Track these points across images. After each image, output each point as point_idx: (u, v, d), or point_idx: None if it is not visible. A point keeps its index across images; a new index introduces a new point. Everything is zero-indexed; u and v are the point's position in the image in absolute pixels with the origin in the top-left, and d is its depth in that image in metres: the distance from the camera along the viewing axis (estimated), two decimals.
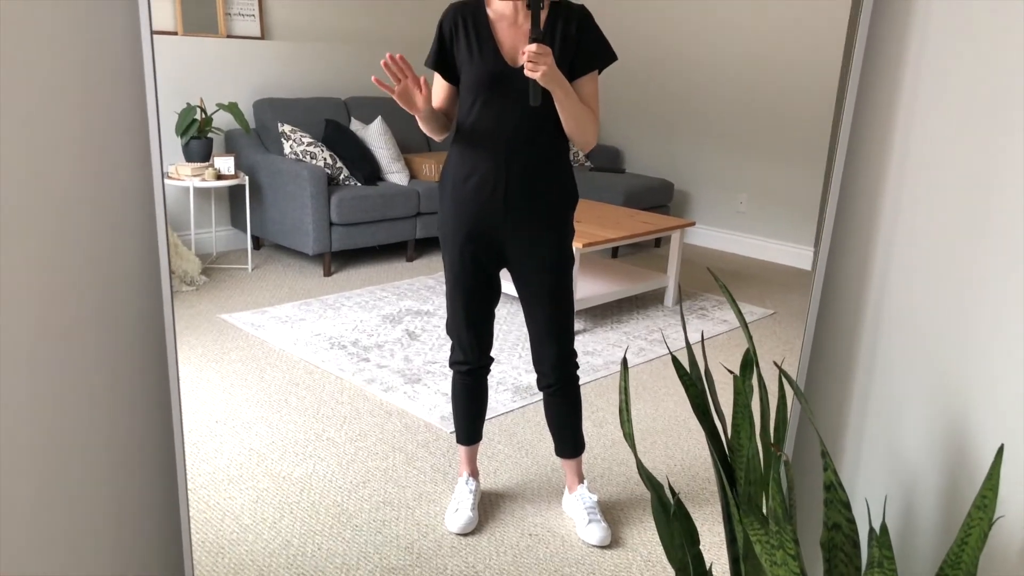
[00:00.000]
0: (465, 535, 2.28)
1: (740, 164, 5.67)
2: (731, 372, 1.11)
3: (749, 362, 1.25)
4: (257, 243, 5.05)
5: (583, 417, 2.91)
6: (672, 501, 1.34)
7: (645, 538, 2.32)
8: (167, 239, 1.17)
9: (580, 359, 3.55)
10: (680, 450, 2.80)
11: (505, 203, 2.00)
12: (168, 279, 1.24)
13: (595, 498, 2.35)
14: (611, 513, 2.42)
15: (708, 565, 1.29)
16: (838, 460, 1.25)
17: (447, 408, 2.95)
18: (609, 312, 4.24)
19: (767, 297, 4.69)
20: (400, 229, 4.81)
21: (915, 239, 1.27)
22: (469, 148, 2.01)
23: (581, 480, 2.39)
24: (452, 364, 2.28)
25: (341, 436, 2.78)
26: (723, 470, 1.24)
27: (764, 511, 1.23)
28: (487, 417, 2.89)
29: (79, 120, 1.18)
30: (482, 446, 2.55)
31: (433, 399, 3.07)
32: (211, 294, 4.20)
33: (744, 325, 1.18)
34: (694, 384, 1.23)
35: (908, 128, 1.27)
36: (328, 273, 4.60)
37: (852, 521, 0.91)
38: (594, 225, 4.12)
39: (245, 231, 4.75)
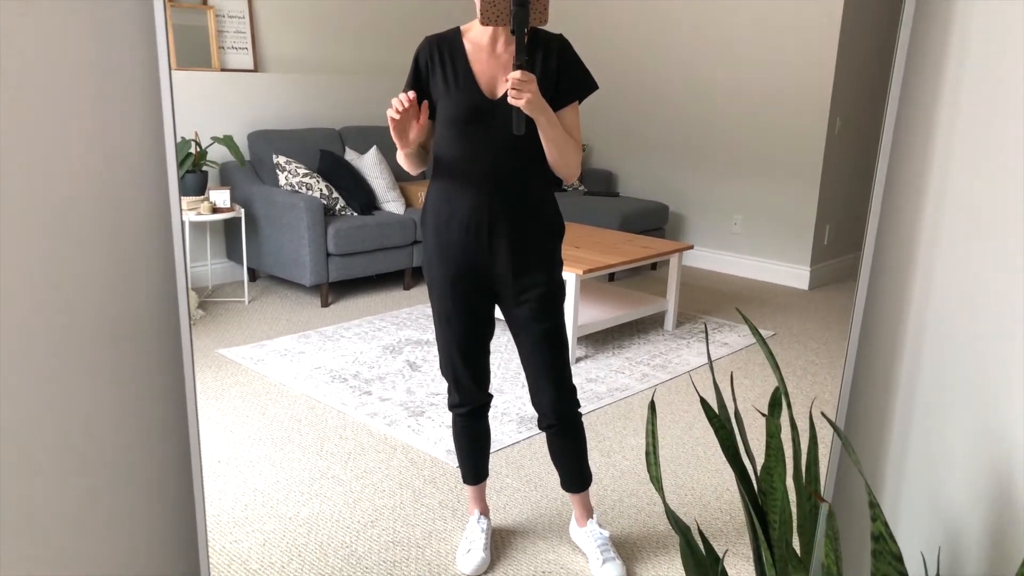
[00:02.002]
0: None
1: (733, 185, 5.69)
2: (762, 414, 1.09)
3: (778, 400, 1.23)
4: (253, 275, 5.01)
5: (588, 448, 2.87)
6: (702, 546, 1.31)
7: (661, 573, 2.28)
8: (185, 264, 1.14)
9: (583, 387, 3.53)
10: (690, 478, 2.77)
11: (491, 242, 1.96)
12: (187, 307, 1.21)
13: (607, 534, 2.30)
14: (624, 547, 2.38)
15: None
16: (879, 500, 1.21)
17: (452, 442, 2.91)
18: (610, 337, 4.22)
19: (766, 318, 4.68)
20: (397, 258, 4.79)
21: (957, 266, 1.24)
22: (449, 186, 1.96)
23: (590, 514, 2.33)
24: (451, 407, 2.21)
25: (347, 473, 2.74)
26: (754, 512, 1.21)
27: (798, 555, 1.20)
28: (493, 450, 2.86)
29: (99, 150, 1.17)
30: (490, 480, 2.52)
31: (437, 432, 3.03)
32: (208, 328, 4.15)
33: (775, 366, 1.16)
34: (723, 426, 1.20)
35: (950, 141, 1.25)
36: (326, 304, 4.57)
37: (905, 575, 0.89)
38: (593, 251, 4.10)
39: (241, 263, 4.71)
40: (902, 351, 1.22)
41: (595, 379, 3.62)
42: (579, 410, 2.15)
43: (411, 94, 1.79)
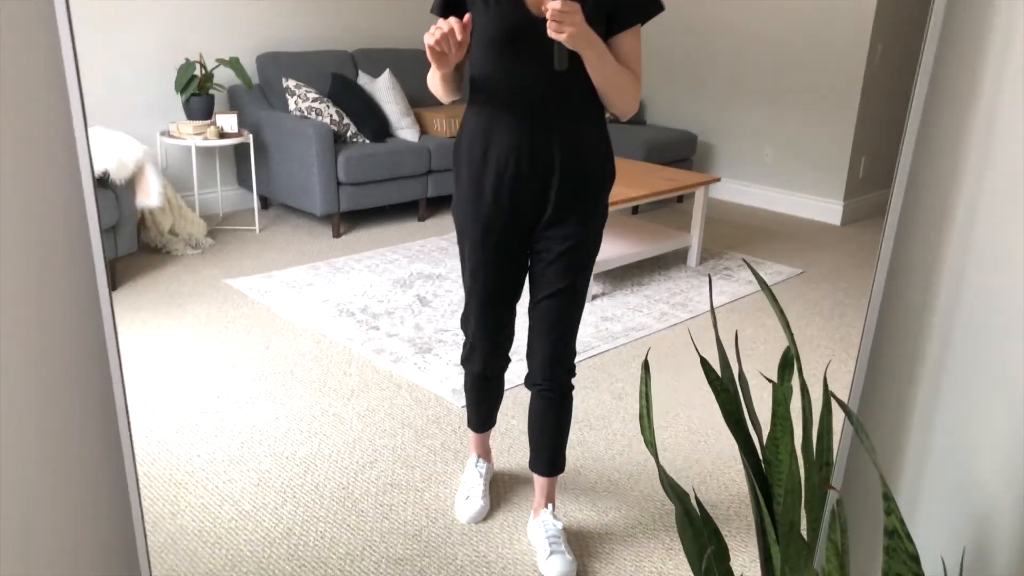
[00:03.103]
0: (476, 523, 2.15)
1: (766, 114, 5.42)
2: (769, 380, 0.95)
3: (789, 362, 1.09)
4: (265, 203, 4.90)
5: (599, 391, 2.75)
6: (699, 514, 1.19)
7: (670, 525, 2.18)
8: (97, 220, 1.00)
9: (597, 326, 3.40)
10: (705, 424, 2.65)
11: (531, 184, 1.71)
12: (101, 253, 1.08)
13: (560, 525, 2.05)
14: (630, 497, 2.28)
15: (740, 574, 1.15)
16: (894, 489, 1.06)
17: (458, 380, 2.82)
18: (629, 274, 4.07)
19: (795, 255, 4.49)
20: (411, 188, 4.64)
21: (1003, 223, 1.05)
22: (486, 117, 1.69)
23: (548, 503, 2.08)
24: (464, 362, 2.01)
25: (348, 411, 2.65)
26: (758, 484, 1.09)
27: (804, 534, 1.08)
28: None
29: None
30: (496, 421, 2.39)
31: (444, 370, 2.93)
32: (217, 258, 4.06)
33: (785, 324, 1.01)
34: (726, 389, 1.07)
35: (1000, 76, 1.06)
36: (337, 234, 4.45)
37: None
38: (616, 183, 3.92)
39: (252, 191, 4.59)
40: (930, 321, 1.05)
41: (611, 318, 3.48)
42: (573, 379, 1.95)
43: (457, 20, 1.50)
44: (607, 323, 3.42)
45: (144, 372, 2.86)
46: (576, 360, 1.93)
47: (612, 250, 3.85)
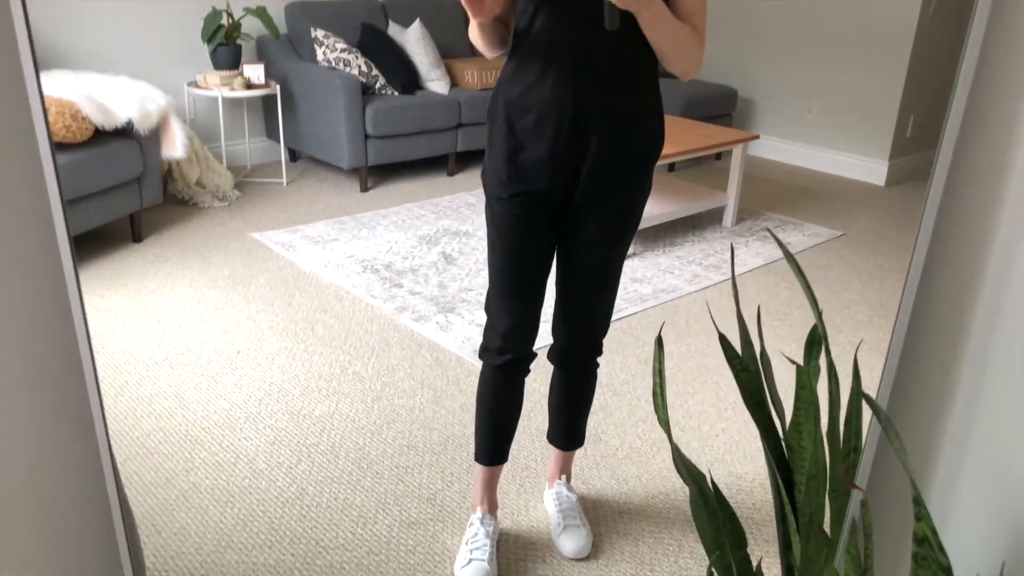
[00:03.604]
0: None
1: (810, 68, 5.20)
2: (793, 362, 0.87)
3: (817, 340, 1.00)
4: (293, 155, 4.85)
5: (625, 355, 2.68)
6: (714, 496, 1.12)
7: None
8: (57, 185, 0.94)
9: (627, 287, 3.31)
10: (733, 392, 2.57)
11: (573, 151, 1.52)
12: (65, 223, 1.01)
13: (574, 498, 1.97)
14: (652, 465, 2.21)
15: (757, 562, 1.08)
16: (925, 492, 0.96)
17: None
18: (662, 234, 3.96)
19: (836, 216, 4.34)
20: (440, 142, 4.54)
21: None
22: (528, 74, 1.50)
23: (563, 474, 2.00)
24: (483, 353, 1.74)
25: (368, 370, 2.61)
26: (778, 470, 1.01)
27: (826, 527, 1.00)
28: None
29: None
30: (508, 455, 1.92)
31: (467, 330, 2.87)
32: (243, 211, 4.03)
33: (812, 300, 0.92)
34: (746, 368, 0.99)
35: None
36: (365, 188, 4.39)
37: None
38: None
39: (279, 143, 4.54)
40: (976, 303, 0.94)
41: (641, 279, 3.39)
42: (600, 357, 1.83)
43: None
44: (636, 285, 3.33)
45: (166, 326, 2.85)
46: (618, 287, 1.78)
47: (645, 209, 3.73)
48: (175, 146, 3.63)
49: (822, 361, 1.02)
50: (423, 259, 3.49)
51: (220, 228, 3.79)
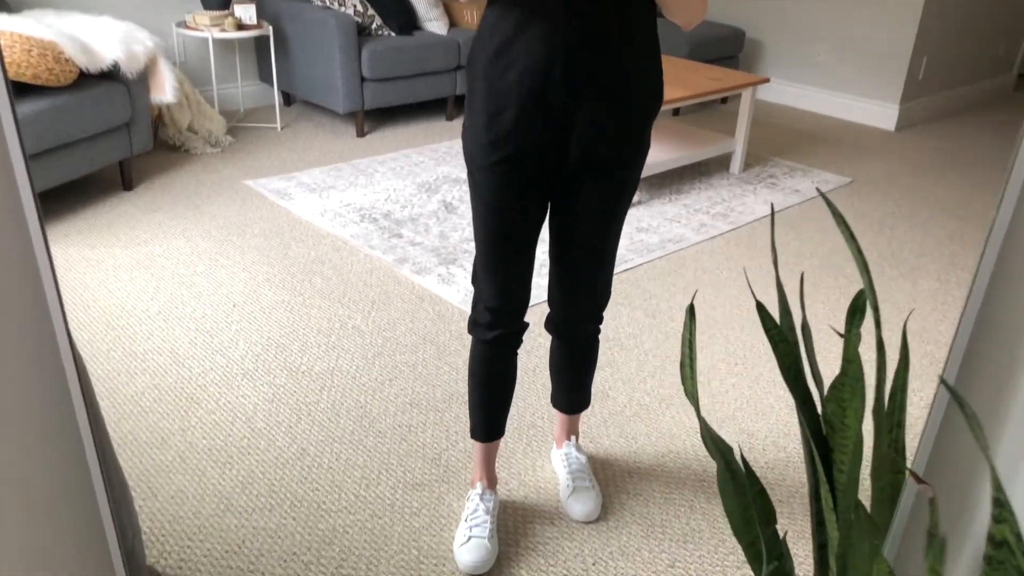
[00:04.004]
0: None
1: (820, 8, 5.03)
2: (840, 334, 0.79)
3: (861, 308, 0.92)
4: (287, 99, 4.70)
5: (632, 307, 2.61)
6: (743, 471, 1.05)
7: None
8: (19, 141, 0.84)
9: (632, 237, 3.22)
10: (743, 346, 2.50)
11: (564, 108, 1.36)
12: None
13: (584, 459, 1.91)
14: (663, 421, 2.15)
15: (783, 532, 1.02)
16: (976, 487, 0.88)
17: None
18: (668, 181, 3.85)
19: (844, 162, 4.23)
20: (439, 84, 4.39)
21: None
22: (511, 21, 1.33)
23: (572, 435, 1.94)
24: (472, 327, 1.64)
25: (368, 325, 2.54)
26: (815, 445, 0.94)
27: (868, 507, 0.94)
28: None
29: None
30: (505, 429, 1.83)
31: (470, 283, 2.79)
32: (236, 157, 3.91)
33: (863, 267, 0.84)
34: (784, 339, 0.91)
35: None
36: (361, 133, 4.26)
37: None
38: None
39: (273, 86, 4.39)
40: None
41: (647, 229, 3.30)
42: (600, 328, 1.73)
43: None
44: (642, 234, 3.24)
45: (159, 278, 2.76)
46: (616, 256, 1.68)
47: (650, 156, 3.62)
48: (164, 90, 3.49)
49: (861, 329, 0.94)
50: (423, 208, 3.39)
51: (213, 175, 3.67)
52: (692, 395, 1.01)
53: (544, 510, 1.84)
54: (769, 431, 2.14)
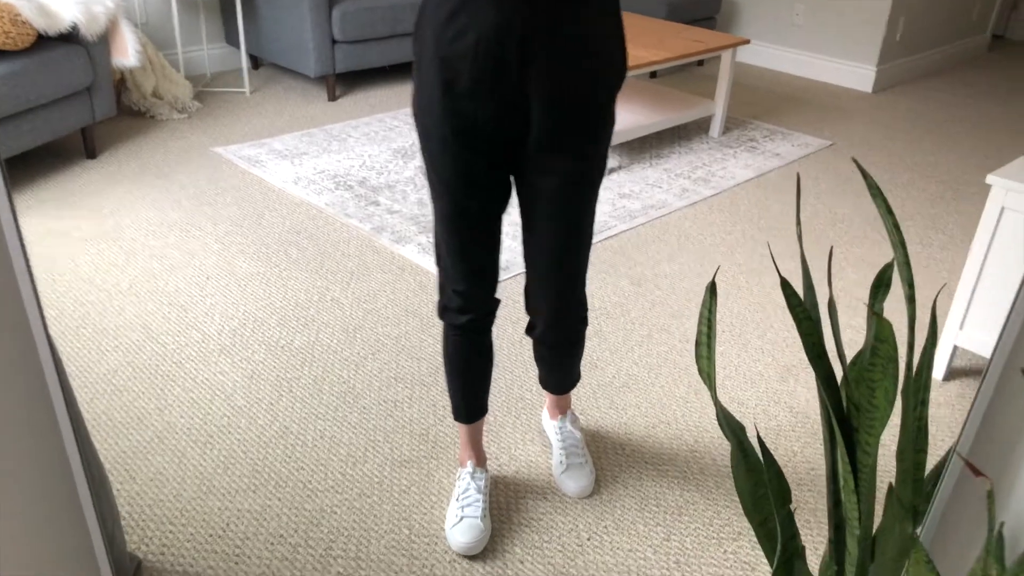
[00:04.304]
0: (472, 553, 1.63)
1: None
2: (875, 312, 0.75)
3: (887, 282, 0.88)
4: (255, 63, 4.55)
5: (617, 275, 2.56)
6: (754, 452, 1.02)
7: (694, 424, 2.03)
8: None
9: (615, 203, 3.17)
10: (730, 313, 2.47)
11: (520, 80, 1.26)
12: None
13: (579, 435, 1.85)
14: (649, 391, 2.12)
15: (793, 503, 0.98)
16: (1009, 484, 0.84)
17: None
18: (648, 145, 3.79)
19: (824, 125, 4.20)
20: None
21: None
22: None
23: (565, 411, 1.88)
24: (442, 313, 1.56)
25: (347, 297, 2.47)
26: (836, 421, 0.90)
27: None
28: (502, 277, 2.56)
29: None
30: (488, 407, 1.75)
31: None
32: (204, 123, 3.78)
33: (898, 240, 0.79)
34: (809, 317, 0.87)
35: None
36: (333, 97, 4.14)
37: None
38: (633, 44, 3.58)
39: (240, 49, 4.24)
40: None
41: (629, 194, 3.24)
42: (584, 326, 1.63)
43: None
44: (624, 200, 3.18)
45: (128, 251, 2.66)
46: (592, 242, 1.57)
47: (629, 119, 3.56)
48: (126, 53, 3.35)
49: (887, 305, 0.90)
50: (399, 174, 3.30)
51: (180, 142, 3.54)
52: (708, 375, 0.96)
53: (536, 484, 1.81)
54: (759, 400, 2.12)
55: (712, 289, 0.86)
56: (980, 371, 2.27)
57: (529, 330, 1.62)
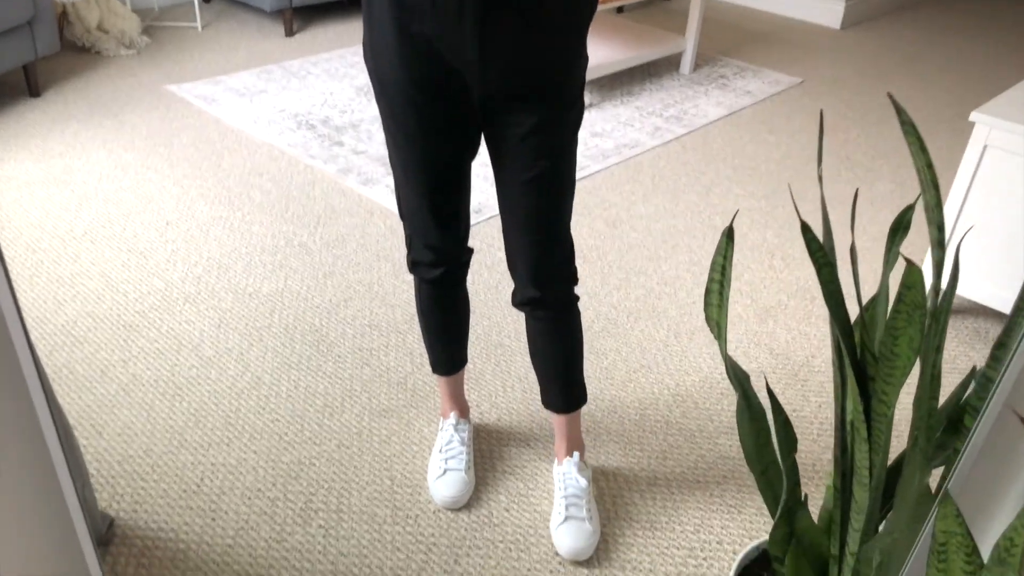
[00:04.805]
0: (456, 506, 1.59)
1: None
2: (909, 262, 0.70)
3: (906, 225, 0.84)
4: None
5: (593, 219, 2.51)
6: (758, 401, 0.99)
7: (688, 384, 2.01)
8: None
9: (586, 142, 3.10)
10: (706, 254, 2.44)
11: (480, 21, 1.13)
12: None
13: (584, 483, 1.56)
14: (627, 338, 2.09)
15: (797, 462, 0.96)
16: None
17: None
18: (618, 82, 3.71)
19: (793, 62, 4.14)
20: None
21: None
22: None
23: (574, 451, 1.59)
24: (413, 267, 1.46)
25: (315, 242, 2.38)
26: (852, 368, 0.87)
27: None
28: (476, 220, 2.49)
29: None
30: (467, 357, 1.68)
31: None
32: (155, 59, 3.60)
33: (930, 179, 0.75)
34: (829, 263, 0.83)
35: None
36: (290, 33, 3.96)
37: None
38: None
39: None
40: None
41: (601, 133, 3.17)
42: (575, 288, 1.51)
43: None
44: (597, 139, 3.11)
45: (81, 195, 2.53)
46: (574, 191, 1.38)
47: (599, 55, 3.47)
48: None
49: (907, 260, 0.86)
50: (363, 113, 3.18)
51: (130, 80, 3.37)
52: (718, 323, 0.92)
53: (518, 432, 1.78)
54: (739, 342, 2.10)
55: (729, 235, 0.81)
56: (962, 312, 2.28)
57: (514, 298, 1.44)
